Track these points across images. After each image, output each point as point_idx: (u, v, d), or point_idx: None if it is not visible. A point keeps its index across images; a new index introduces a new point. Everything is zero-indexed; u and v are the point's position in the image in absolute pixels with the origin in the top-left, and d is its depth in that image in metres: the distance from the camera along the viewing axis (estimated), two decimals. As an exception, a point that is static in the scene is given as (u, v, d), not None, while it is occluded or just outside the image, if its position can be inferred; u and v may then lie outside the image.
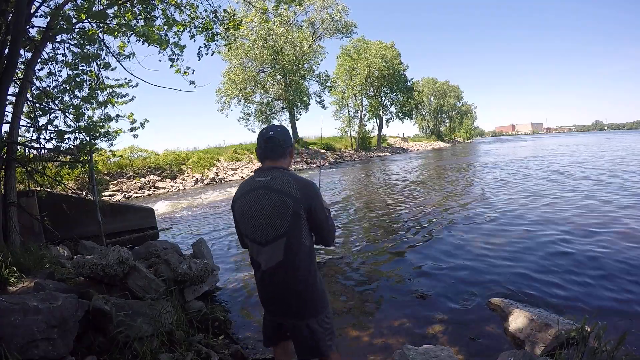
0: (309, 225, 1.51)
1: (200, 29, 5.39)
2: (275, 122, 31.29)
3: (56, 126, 4.92)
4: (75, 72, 4.89)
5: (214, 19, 5.45)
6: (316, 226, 1.53)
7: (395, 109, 42.47)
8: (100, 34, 4.70)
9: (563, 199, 7.80)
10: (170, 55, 5.24)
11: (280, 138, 1.54)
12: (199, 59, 5.68)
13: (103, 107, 5.12)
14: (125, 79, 5.23)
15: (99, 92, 5.07)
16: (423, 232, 5.95)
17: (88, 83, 5.06)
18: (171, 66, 5.30)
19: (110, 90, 5.19)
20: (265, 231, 1.47)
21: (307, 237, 1.51)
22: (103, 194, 14.10)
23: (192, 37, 5.40)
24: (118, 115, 5.12)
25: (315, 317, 1.52)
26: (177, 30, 5.24)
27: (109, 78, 5.25)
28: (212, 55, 5.73)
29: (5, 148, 4.19)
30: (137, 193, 15.76)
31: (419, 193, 10.33)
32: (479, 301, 3.37)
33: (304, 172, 21.12)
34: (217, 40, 5.63)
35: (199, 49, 5.58)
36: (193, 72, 5.41)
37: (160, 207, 11.00)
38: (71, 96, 5.03)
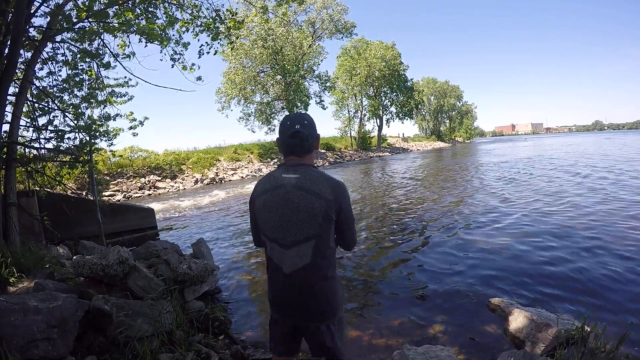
0: (337, 227, 1.44)
1: (202, 28, 5.42)
2: (276, 122, 31.23)
3: (56, 126, 4.93)
4: (75, 71, 4.90)
5: (216, 17, 5.47)
6: (343, 229, 1.46)
7: (396, 109, 42.45)
8: (101, 33, 4.71)
9: (565, 199, 7.79)
10: (172, 55, 5.26)
11: (307, 132, 1.40)
12: (199, 57, 5.71)
13: (103, 107, 5.13)
14: (125, 77, 5.25)
15: (98, 91, 5.09)
16: (423, 232, 5.95)
17: (88, 83, 5.07)
18: (173, 65, 5.32)
19: (110, 90, 5.20)
20: (292, 232, 1.38)
21: (333, 239, 1.45)
22: (103, 194, 14.10)
23: (195, 35, 5.42)
24: (117, 115, 5.13)
25: (334, 317, 1.49)
26: (180, 28, 5.26)
27: (108, 77, 5.27)
28: (214, 54, 5.75)
29: (5, 148, 4.19)
30: (137, 193, 15.75)
31: (419, 193, 10.33)
32: (479, 301, 3.37)
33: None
34: (220, 39, 5.65)
35: (200, 47, 5.60)
36: (199, 68, 5.45)
37: (160, 207, 11.00)
38: (70, 95, 5.04)
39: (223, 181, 19.26)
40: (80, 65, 4.94)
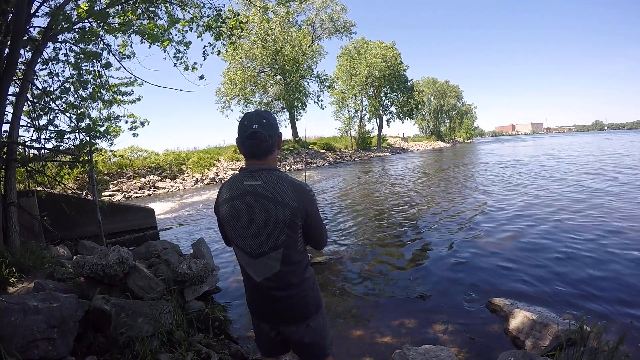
0: (304, 231, 1.41)
1: (204, 28, 5.42)
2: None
3: (56, 126, 4.94)
4: (77, 71, 4.90)
5: (217, 17, 5.48)
6: (311, 232, 1.44)
7: (396, 109, 42.45)
8: (101, 33, 4.72)
9: (565, 199, 7.79)
10: (175, 53, 5.27)
11: (266, 132, 1.30)
12: (205, 59, 5.72)
13: (109, 107, 5.15)
14: (130, 77, 5.26)
15: (103, 91, 5.09)
16: (423, 233, 5.95)
17: (92, 83, 5.07)
18: (175, 65, 5.33)
19: (115, 89, 5.21)
20: (258, 243, 1.34)
21: (302, 243, 1.42)
22: (103, 194, 14.09)
23: (199, 36, 5.44)
24: (119, 116, 5.14)
25: (313, 314, 1.49)
26: (182, 28, 5.26)
27: (113, 77, 5.27)
28: (217, 54, 5.76)
29: (5, 148, 4.19)
30: (137, 193, 15.75)
31: (419, 194, 10.33)
32: (479, 301, 3.37)
33: (300, 174, 21.08)
34: (223, 39, 5.66)
35: (204, 48, 5.61)
36: (201, 66, 5.48)
37: (160, 207, 11.00)
38: (75, 96, 5.04)
39: (223, 181, 19.23)
40: (84, 66, 4.94)
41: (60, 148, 4.95)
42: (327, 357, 1.56)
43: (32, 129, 4.94)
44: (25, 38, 4.30)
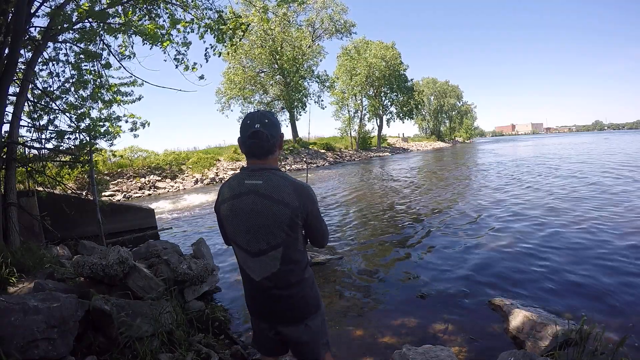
0: (304, 230, 1.42)
1: (205, 30, 5.43)
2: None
3: (56, 126, 4.94)
4: (78, 71, 4.90)
5: (219, 19, 5.48)
6: (313, 232, 1.45)
7: (396, 109, 42.48)
8: (101, 33, 4.73)
9: (565, 199, 7.79)
10: (176, 55, 5.28)
11: (268, 131, 1.31)
12: (207, 60, 5.72)
13: (109, 107, 5.15)
14: (131, 77, 5.26)
15: (104, 91, 5.10)
16: (424, 232, 5.95)
17: (92, 83, 5.07)
18: (177, 66, 5.34)
19: (115, 90, 5.21)
20: (258, 241, 1.35)
21: (302, 243, 1.43)
22: (103, 194, 14.08)
23: (201, 37, 5.45)
24: (119, 117, 5.14)
25: (312, 314, 1.49)
26: (182, 29, 5.26)
27: (113, 77, 5.27)
28: (219, 55, 5.77)
29: (5, 148, 4.19)
30: (137, 193, 15.74)
31: (419, 193, 10.32)
32: (479, 301, 3.37)
33: (301, 173, 21.07)
34: (225, 41, 5.67)
35: (205, 50, 5.61)
36: (201, 67, 5.50)
37: (160, 207, 11.00)
38: (75, 97, 5.05)
39: (223, 181, 19.20)
40: (85, 66, 4.95)
41: (61, 148, 4.95)
42: (325, 354, 1.56)
43: (32, 129, 4.94)
44: (25, 38, 4.31)
